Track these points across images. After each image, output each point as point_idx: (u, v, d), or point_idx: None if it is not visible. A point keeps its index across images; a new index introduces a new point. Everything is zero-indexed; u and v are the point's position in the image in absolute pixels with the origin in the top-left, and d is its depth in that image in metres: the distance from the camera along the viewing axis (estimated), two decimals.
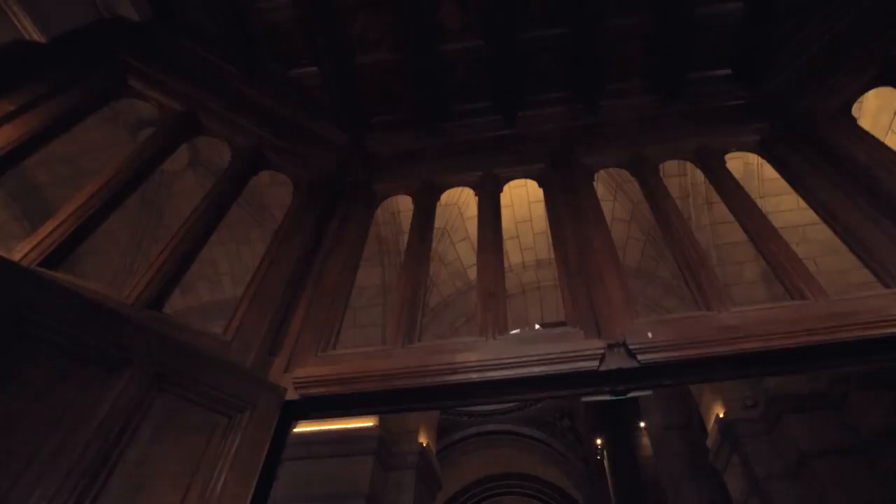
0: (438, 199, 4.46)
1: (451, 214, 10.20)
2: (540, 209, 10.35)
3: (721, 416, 8.15)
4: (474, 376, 2.70)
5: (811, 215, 8.94)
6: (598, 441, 22.16)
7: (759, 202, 9.15)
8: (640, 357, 2.65)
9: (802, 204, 8.82)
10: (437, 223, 10.38)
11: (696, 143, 4.36)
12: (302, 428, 8.31)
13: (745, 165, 8.46)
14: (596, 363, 2.66)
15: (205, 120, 4.18)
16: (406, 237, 10.26)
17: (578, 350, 2.70)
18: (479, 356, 2.77)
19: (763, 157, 4.22)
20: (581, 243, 3.54)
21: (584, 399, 2.80)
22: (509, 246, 10.63)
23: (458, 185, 4.62)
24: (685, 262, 3.31)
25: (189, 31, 4.31)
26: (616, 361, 2.68)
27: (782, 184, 7.90)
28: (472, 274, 10.52)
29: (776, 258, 3.20)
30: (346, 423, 8.15)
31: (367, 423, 8.12)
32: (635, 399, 17.71)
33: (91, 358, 2.28)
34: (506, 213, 10.54)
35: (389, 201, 9.89)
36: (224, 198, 3.84)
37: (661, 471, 13.84)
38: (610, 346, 2.72)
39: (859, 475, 6.81)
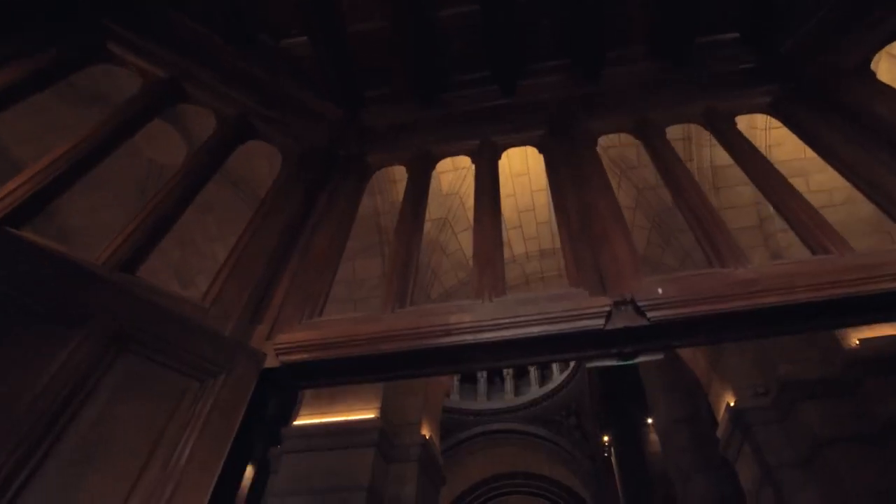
0: (434, 167, 4.24)
1: (453, 204, 9.97)
2: (543, 198, 10.12)
3: (732, 404, 7.87)
4: (469, 338, 2.46)
5: (814, 184, 8.71)
6: (605, 438, 21.84)
7: None
8: (649, 314, 2.40)
9: (814, 187, 8.59)
10: (439, 213, 10.18)
11: (703, 107, 4.11)
12: (302, 420, 8.08)
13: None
14: (601, 321, 2.41)
15: (190, 88, 3.97)
16: None
17: (582, 308, 2.46)
18: (474, 317, 2.53)
19: (776, 118, 3.97)
20: (584, 208, 3.29)
21: (589, 365, 2.54)
22: (512, 236, 10.39)
23: (455, 153, 4.40)
24: (697, 221, 3.06)
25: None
26: (623, 320, 2.44)
27: (792, 166, 7.63)
28: None
29: (796, 215, 2.96)
30: (347, 416, 7.91)
31: (367, 414, 7.88)
32: (642, 393, 17.42)
33: (44, 313, 2.05)
34: (508, 203, 10.35)
35: (391, 191, 9.68)
36: (205, 165, 3.60)
37: (669, 465, 13.54)
38: (617, 304, 2.48)
39: (874, 462, 6.52)
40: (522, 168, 9.90)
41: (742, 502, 11.36)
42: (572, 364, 28.87)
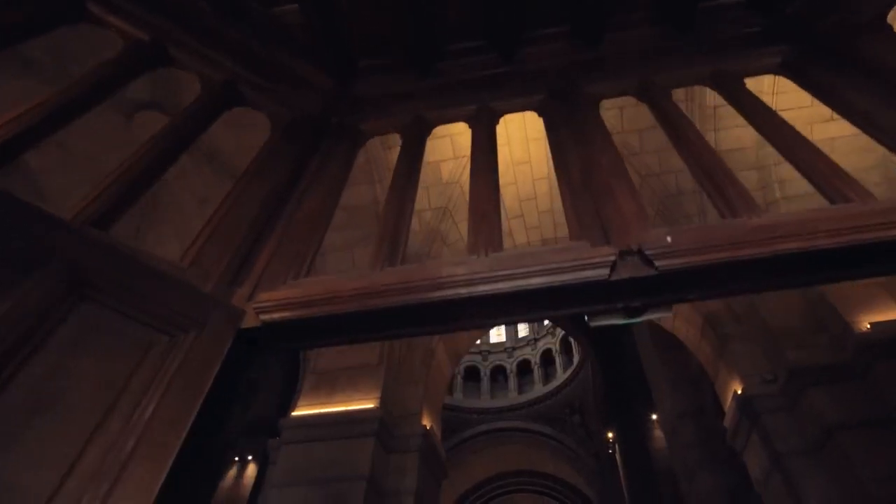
0: (429, 133, 4.04)
1: (453, 193, 9.78)
2: (545, 186, 9.93)
3: (739, 392, 7.65)
4: (462, 291, 2.26)
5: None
6: (610, 434, 21.58)
7: (773, 169, 8.70)
8: (658, 263, 2.20)
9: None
10: (439, 202, 9.99)
11: (710, 70, 3.90)
12: (300, 411, 7.89)
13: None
14: (606, 271, 2.21)
15: (174, 52, 3.78)
16: None
17: (585, 258, 2.26)
18: (469, 269, 2.33)
19: (788, 77, 3.76)
20: (587, 164, 3.10)
21: (594, 324, 2.31)
22: (514, 226, 10.19)
23: (452, 120, 4.19)
24: (705, 172, 2.87)
25: None
26: (630, 270, 2.24)
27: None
28: None
29: (813, 166, 2.76)
30: (346, 406, 7.71)
31: (367, 404, 7.68)
32: (646, 389, 17.18)
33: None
34: (509, 192, 10.15)
35: (389, 163, 9.47)
36: (187, 129, 3.40)
37: (675, 460, 13.30)
38: (622, 254, 2.28)
39: (886, 447, 6.29)
40: (524, 156, 9.71)
41: (749, 496, 11.14)
42: (576, 362, 28.66)
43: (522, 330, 33.57)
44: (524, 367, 31.68)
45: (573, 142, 3.36)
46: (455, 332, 9.59)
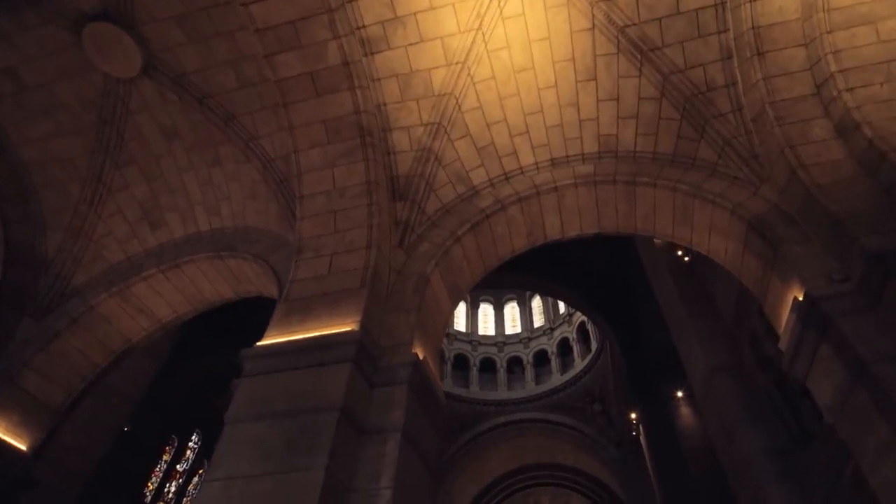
0: None
1: (448, 106, 8.26)
2: (551, 96, 8.36)
3: (800, 298, 5.94)
4: None
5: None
6: (633, 416, 19.69)
7: (826, 38, 7.05)
8: None
9: (884, 35, 6.70)
10: (431, 117, 8.41)
11: None
12: (266, 341, 6.32)
13: None
14: None
15: None
16: (394, 134, 8.30)
17: None
18: None
19: None
20: None
21: None
22: (518, 143, 8.63)
23: None
24: None
25: None
26: None
27: (855, 13, 5.78)
28: (475, 177, 8.52)
29: None
30: (321, 331, 6.13)
31: (345, 327, 6.09)
32: (672, 362, 15.37)
33: None
34: (511, 104, 8.48)
35: (373, 88, 7.99)
36: None
37: (710, 419, 11.47)
38: None
39: None
40: (526, 61, 8.17)
41: (803, 459, 9.32)
42: (594, 349, 26.81)
43: (538, 320, 31.80)
44: (541, 358, 29.82)
45: None
46: (454, 258, 7.98)
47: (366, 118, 7.76)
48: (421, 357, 6.40)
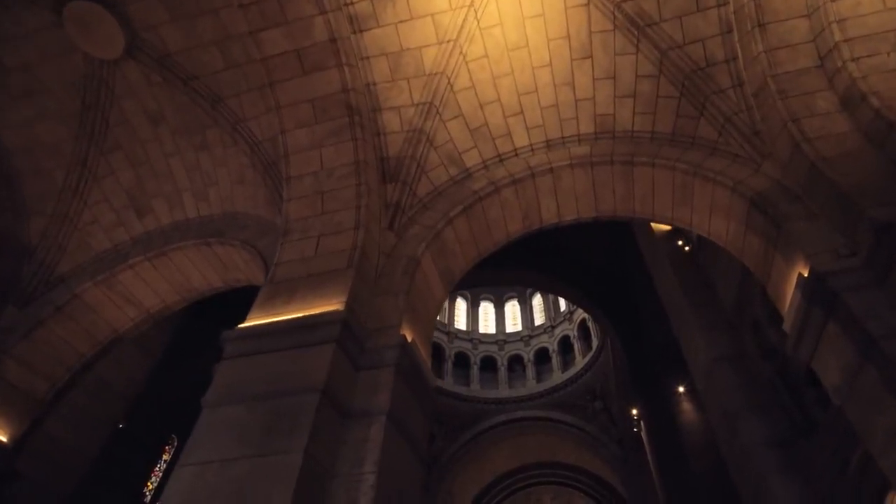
0: None
1: (439, 85, 7.98)
2: (546, 76, 8.08)
3: (806, 275, 5.64)
4: None
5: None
6: (634, 412, 19.34)
7: (830, 7, 6.74)
8: None
9: (891, 3, 6.39)
10: (423, 97, 8.12)
11: None
12: (248, 322, 6.04)
13: None
14: None
15: None
16: (384, 115, 8.02)
17: None
18: None
19: None
20: None
21: None
22: (512, 124, 8.34)
23: None
24: None
25: None
26: None
27: None
28: (468, 159, 8.23)
29: None
30: (305, 311, 5.85)
31: (329, 307, 5.81)
32: (673, 357, 15.08)
33: None
34: (505, 84, 8.17)
35: (361, 66, 7.72)
36: None
37: (712, 410, 11.13)
38: None
39: None
40: (520, 39, 7.89)
41: (804, 450, 8.99)
42: (595, 346, 26.46)
43: (539, 318, 31.48)
44: (542, 356, 29.49)
45: None
46: (446, 241, 7.69)
47: (354, 97, 7.49)
48: (409, 339, 6.11)
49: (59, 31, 8.05)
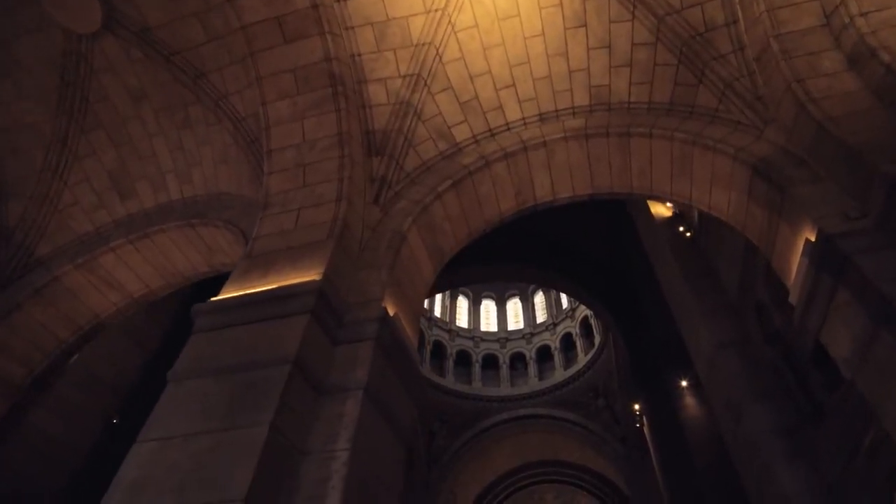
0: None
1: (427, 57, 7.60)
2: (539, 46, 7.69)
3: (813, 239, 5.23)
4: None
5: None
6: (636, 407, 18.87)
7: None
8: None
9: None
10: (410, 68, 7.74)
11: None
12: (222, 295, 5.66)
13: None
14: None
15: None
16: (370, 87, 7.64)
17: None
18: None
19: None
20: None
21: None
22: (504, 97, 7.94)
23: None
24: None
25: None
26: None
27: None
28: (458, 133, 7.83)
29: None
30: (281, 283, 5.47)
31: (306, 277, 5.43)
32: (675, 349, 14.65)
33: None
34: (496, 55, 7.74)
35: (345, 36, 7.35)
36: None
37: (715, 401, 10.68)
38: None
39: None
40: (510, 7, 7.51)
41: (811, 436, 8.53)
42: (597, 343, 26.00)
43: (541, 315, 31.04)
44: (544, 353, 29.04)
45: None
46: (434, 216, 7.29)
47: (337, 66, 7.12)
48: (392, 314, 5.71)
49: (34, 5, 7.72)
